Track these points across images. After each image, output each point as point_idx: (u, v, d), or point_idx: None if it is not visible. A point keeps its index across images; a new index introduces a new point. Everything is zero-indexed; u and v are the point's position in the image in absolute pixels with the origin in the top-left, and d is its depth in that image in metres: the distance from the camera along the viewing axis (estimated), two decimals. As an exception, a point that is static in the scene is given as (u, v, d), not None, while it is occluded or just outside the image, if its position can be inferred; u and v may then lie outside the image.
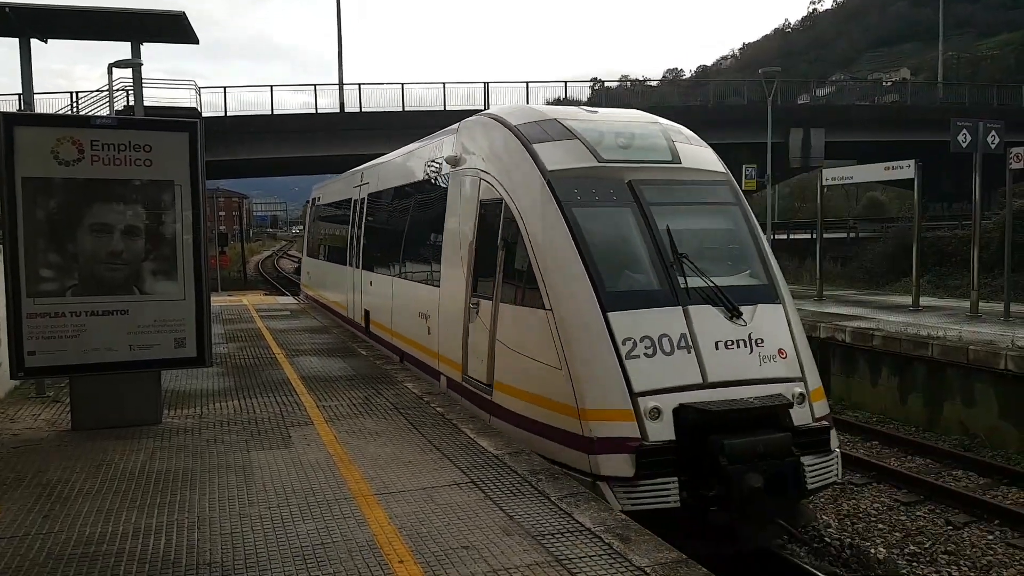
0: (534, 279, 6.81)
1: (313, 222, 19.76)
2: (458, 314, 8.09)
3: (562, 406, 6.37)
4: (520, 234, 7.07)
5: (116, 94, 25.98)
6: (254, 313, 16.57)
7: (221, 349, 11.34)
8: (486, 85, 37.13)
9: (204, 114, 32.66)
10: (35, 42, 9.59)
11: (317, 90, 38.13)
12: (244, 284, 39.44)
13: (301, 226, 49.75)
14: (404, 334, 10.23)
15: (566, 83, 43.38)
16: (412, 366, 9.80)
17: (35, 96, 9.93)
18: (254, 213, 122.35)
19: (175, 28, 9.72)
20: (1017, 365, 10.18)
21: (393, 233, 11.55)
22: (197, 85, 34.25)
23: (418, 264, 10.07)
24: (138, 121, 7.50)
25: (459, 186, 8.54)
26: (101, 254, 6.74)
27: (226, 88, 35.00)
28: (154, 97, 29.91)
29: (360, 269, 13.03)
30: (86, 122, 7.34)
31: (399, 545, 4.39)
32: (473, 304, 7.77)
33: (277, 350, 11.38)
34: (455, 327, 8.17)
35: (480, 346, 7.56)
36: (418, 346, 9.57)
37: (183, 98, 34.21)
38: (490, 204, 7.70)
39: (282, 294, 28.90)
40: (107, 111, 24.54)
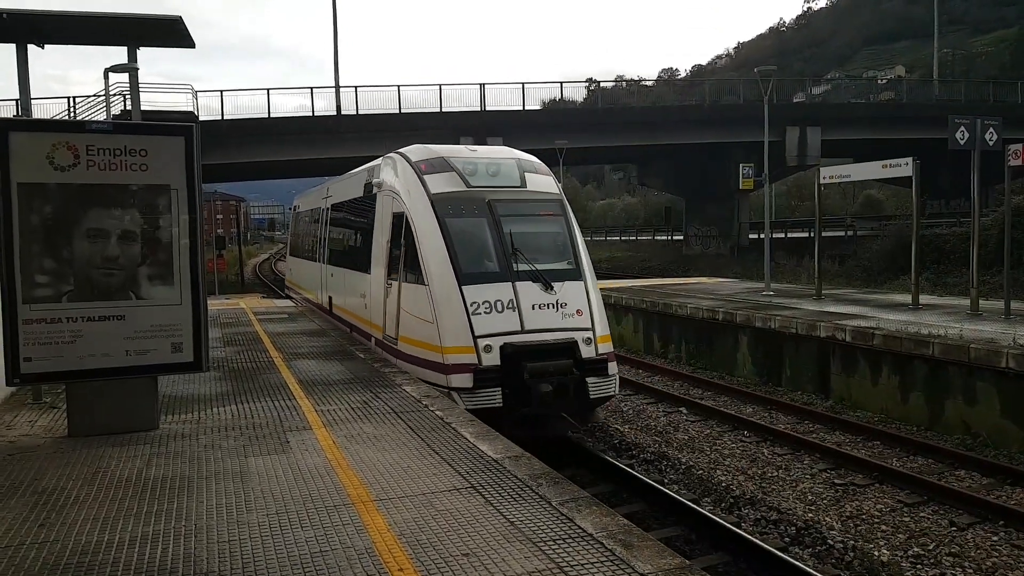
0: (419, 265, 9.85)
1: (294, 226, 24.14)
2: (380, 293, 11.15)
3: (433, 347, 9.40)
4: (414, 236, 10.10)
5: (113, 99, 25.88)
6: (252, 316, 16.52)
7: (218, 353, 11.31)
8: (482, 86, 36.90)
9: (201, 118, 32.59)
10: (32, 47, 9.54)
11: (314, 93, 37.76)
12: (242, 287, 39.41)
13: (291, 230, 50.66)
14: (352, 311, 13.41)
15: (562, 84, 44.33)
16: (358, 336, 12.73)
17: (32, 101, 9.87)
18: (252, 216, 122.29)
19: (171, 32, 9.66)
20: (1019, 363, 10.13)
21: (346, 235, 14.81)
22: (193, 89, 34.21)
23: (359, 259, 12.80)
24: (133, 126, 7.42)
25: (381, 202, 11.61)
26: (97, 259, 6.66)
27: (222, 91, 34.90)
28: (151, 101, 29.95)
29: (326, 264, 16.22)
30: (81, 127, 7.26)
31: (398, 552, 4.34)
32: (388, 284, 10.86)
33: (275, 354, 11.33)
34: (379, 302, 11.23)
35: (392, 313, 10.64)
36: (360, 319, 12.66)
37: (180, 102, 34.18)
38: (398, 215, 10.74)
39: (280, 297, 28.82)
40: (104, 116, 24.46)
